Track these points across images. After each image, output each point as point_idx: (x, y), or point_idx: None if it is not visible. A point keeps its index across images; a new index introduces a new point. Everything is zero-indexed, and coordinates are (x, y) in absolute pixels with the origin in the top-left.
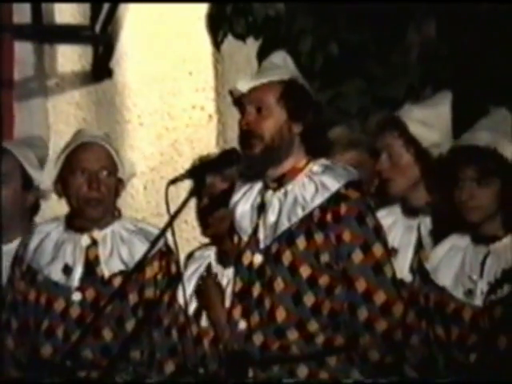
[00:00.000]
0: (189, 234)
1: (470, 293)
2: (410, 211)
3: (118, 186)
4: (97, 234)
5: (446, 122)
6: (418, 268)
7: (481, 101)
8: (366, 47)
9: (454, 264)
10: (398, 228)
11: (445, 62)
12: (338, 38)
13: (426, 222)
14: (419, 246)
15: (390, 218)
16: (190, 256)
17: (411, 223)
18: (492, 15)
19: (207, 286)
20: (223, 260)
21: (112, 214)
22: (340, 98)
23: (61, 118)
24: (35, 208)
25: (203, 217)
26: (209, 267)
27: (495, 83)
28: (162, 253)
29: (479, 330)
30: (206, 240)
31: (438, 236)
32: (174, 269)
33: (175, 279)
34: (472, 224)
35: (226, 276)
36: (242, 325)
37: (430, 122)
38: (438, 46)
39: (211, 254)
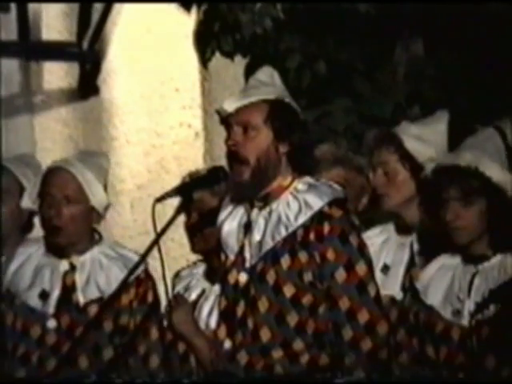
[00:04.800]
0: (176, 252)
1: (457, 313)
2: (403, 229)
3: (92, 213)
4: (76, 259)
5: (442, 139)
6: (409, 286)
7: (469, 120)
8: (353, 66)
9: (443, 284)
10: (391, 245)
11: (432, 81)
12: (325, 56)
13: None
14: (411, 263)
15: (383, 236)
16: (176, 275)
17: (404, 241)
18: (479, 34)
19: (173, 308)
20: (211, 277)
21: (90, 239)
22: (327, 117)
23: (47, 135)
24: (29, 226)
25: (192, 233)
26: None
27: (483, 102)
28: (140, 280)
29: (467, 349)
30: (194, 258)
31: (429, 255)
32: (151, 296)
33: (154, 306)
34: (459, 244)
35: (214, 292)
36: (227, 344)
37: (425, 137)
38: (425, 65)
39: (199, 270)
